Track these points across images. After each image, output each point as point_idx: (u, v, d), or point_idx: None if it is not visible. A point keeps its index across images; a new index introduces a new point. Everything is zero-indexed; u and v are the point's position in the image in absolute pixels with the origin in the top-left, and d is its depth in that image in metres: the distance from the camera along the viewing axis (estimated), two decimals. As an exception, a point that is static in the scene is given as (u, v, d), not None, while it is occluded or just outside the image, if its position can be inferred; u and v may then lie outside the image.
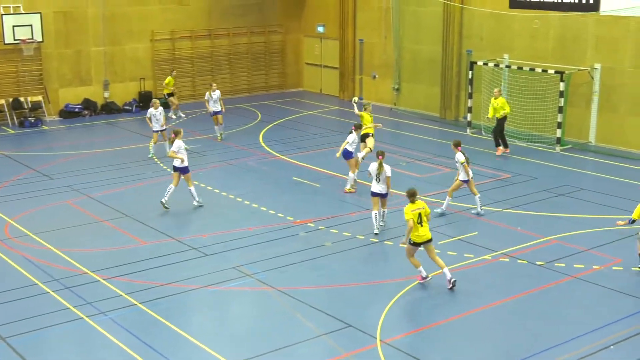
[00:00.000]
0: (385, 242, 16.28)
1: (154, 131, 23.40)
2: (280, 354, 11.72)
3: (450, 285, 13.79)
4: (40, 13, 27.81)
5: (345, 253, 15.71)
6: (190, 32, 32.05)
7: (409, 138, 25.86)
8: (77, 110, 29.55)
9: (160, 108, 23.55)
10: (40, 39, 27.88)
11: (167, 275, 14.59)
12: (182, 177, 18.45)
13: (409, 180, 19.66)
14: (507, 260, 15.31)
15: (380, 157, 16.59)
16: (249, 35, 33.58)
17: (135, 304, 13.31)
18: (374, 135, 21.20)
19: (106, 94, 30.39)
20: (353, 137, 19.47)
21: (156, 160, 22.93)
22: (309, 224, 17.31)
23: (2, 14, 27.07)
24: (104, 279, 14.32)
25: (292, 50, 34.88)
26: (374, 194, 16.67)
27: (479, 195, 17.89)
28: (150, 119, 23.31)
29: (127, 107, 30.61)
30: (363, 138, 20.64)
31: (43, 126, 28.18)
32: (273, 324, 12.81)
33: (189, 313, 13.32)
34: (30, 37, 27.57)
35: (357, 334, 12.29)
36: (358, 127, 19.87)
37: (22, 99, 28.55)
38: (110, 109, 30.26)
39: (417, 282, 14.12)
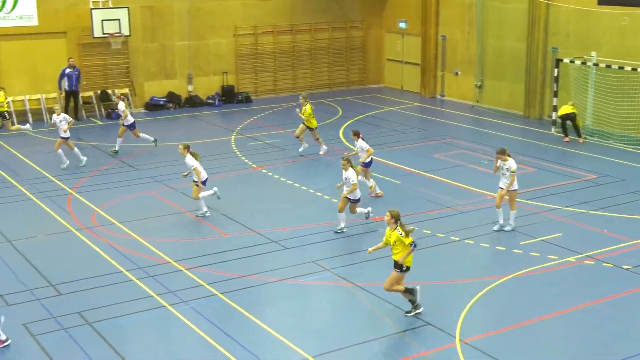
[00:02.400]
0: (466, 240, 16.09)
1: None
2: (357, 350, 11.72)
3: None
4: (127, 8, 28.48)
5: (424, 250, 15.56)
6: (272, 27, 32.32)
7: (491, 136, 25.47)
8: (161, 103, 30.17)
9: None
10: (128, 33, 28.56)
11: (247, 267, 14.77)
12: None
13: (489, 179, 19.30)
14: (592, 263, 14.92)
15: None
16: (330, 30, 33.63)
17: (216, 294, 13.51)
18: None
19: (190, 88, 30.94)
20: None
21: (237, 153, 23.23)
22: (388, 221, 17.22)
23: (92, 8, 27.82)
24: (186, 269, 14.58)
25: (373, 46, 34.78)
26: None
27: (515, 211, 16.68)
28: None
29: (210, 101, 31.07)
30: None
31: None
32: (350, 319, 12.83)
33: (268, 305, 13.45)
34: (118, 31, 28.27)
35: (435, 333, 12.19)
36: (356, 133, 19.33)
37: (109, 91, 29.32)
38: (193, 102, 30.79)
39: (498, 282, 13.90)
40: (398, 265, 12.57)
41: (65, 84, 27.28)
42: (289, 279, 14.27)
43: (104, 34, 28.08)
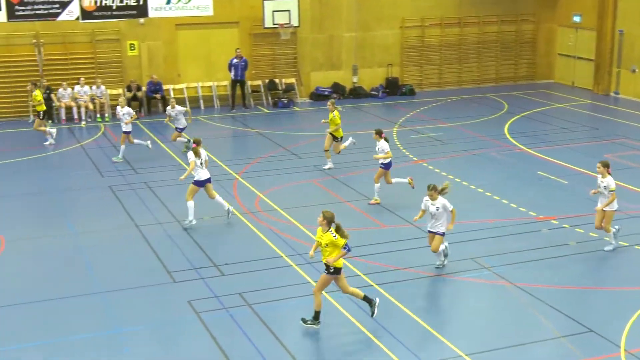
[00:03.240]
0: (636, 246, 15.24)
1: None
2: (514, 351, 11.41)
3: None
4: (298, -1, 29.13)
5: (589, 255, 14.92)
6: (440, 20, 31.95)
7: (669, 137, 23.98)
8: (326, 93, 30.60)
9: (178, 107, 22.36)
10: (297, 24, 29.16)
11: (404, 260, 14.71)
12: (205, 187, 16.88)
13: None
14: None
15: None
16: (499, 24, 32.82)
17: (372, 285, 13.56)
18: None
19: (355, 79, 31.19)
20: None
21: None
22: (552, 221, 16.63)
23: (264, 0, 28.61)
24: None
25: (544, 40, 33.59)
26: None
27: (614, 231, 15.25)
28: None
29: (373, 92, 31.20)
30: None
31: (294, 107, 29.52)
32: (509, 319, 12.50)
33: (424, 299, 13.35)
34: (288, 22, 28.92)
35: (598, 340, 11.64)
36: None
37: (277, 80, 30.09)
38: (357, 93, 31.02)
39: None
40: (327, 267, 11.96)
41: (232, 73, 28.28)
42: (446, 274, 14.09)
43: (274, 24, 28.81)
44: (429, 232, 14.18)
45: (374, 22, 31.11)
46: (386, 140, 17.93)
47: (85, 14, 25.90)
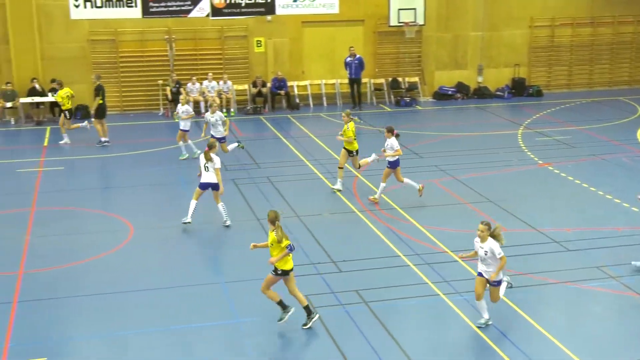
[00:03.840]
0: None
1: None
2: (641, 367, 10.91)
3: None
4: (425, -3, 28.88)
5: None
6: (572, 19, 30.92)
7: None
8: (450, 93, 30.22)
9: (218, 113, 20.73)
10: (422, 22, 28.90)
11: (525, 265, 14.32)
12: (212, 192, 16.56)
13: None
14: None
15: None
16: (635, 24, 31.44)
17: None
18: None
19: (479, 79, 30.64)
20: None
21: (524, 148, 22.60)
22: (686, 232, 15.80)
23: (390, -2, 28.55)
24: (462, 260, 14.46)
25: (683, 42, 31.97)
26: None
27: None
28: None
29: (499, 93, 30.55)
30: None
31: (417, 106, 29.30)
32: (634, 331, 11.94)
33: (545, 307, 12.94)
34: (413, 20, 28.71)
35: None
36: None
37: (400, 79, 29.95)
38: (482, 93, 30.47)
39: None
40: (274, 268, 11.84)
41: (347, 71, 28.30)
42: (569, 282, 13.61)
43: (399, 22, 28.68)
44: (478, 274, 12.09)
45: (502, 21, 30.45)
46: (397, 137, 17.71)
47: (216, 11, 26.60)
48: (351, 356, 11.26)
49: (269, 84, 28.50)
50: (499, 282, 11.92)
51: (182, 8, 26.50)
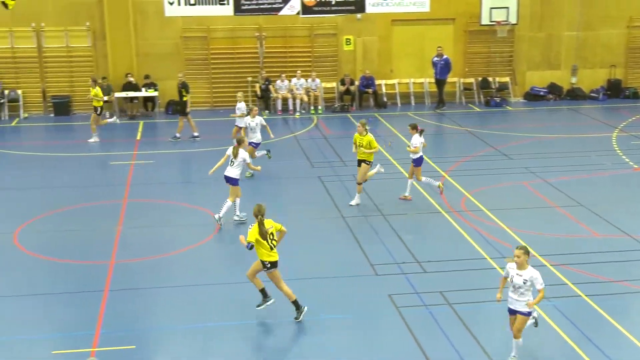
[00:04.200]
0: None
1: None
2: None
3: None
4: (518, -5, 28.32)
5: None
6: (673, 19, 29.84)
7: None
8: (541, 93, 29.57)
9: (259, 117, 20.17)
10: (515, 22, 28.35)
11: (617, 271, 13.86)
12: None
13: None
14: None
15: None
16: None
17: (580, 296, 12.90)
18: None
19: (573, 80, 29.86)
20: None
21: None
22: None
23: (480, -3, 28.13)
24: (551, 265, 14.12)
25: None
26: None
27: None
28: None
29: (593, 94, 29.72)
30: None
31: (507, 107, 28.78)
32: None
33: (637, 315, 12.50)
34: (505, 19, 28.19)
35: None
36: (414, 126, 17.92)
37: (490, 79, 29.48)
38: (575, 94, 29.70)
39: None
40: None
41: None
42: (664, 291, 13.13)
43: (491, 21, 28.21)
44: (509, 310, 10.84)
45: (598, 21, 29.59)
46: (421, 133, 17.71)
47: (306, 9, 26.75)
48: (434, 357, 11.13)
49: (357, 82, 28.49)
50: (529, 313, 10.75)
51: (273, 6, 26.75)
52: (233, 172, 16.34)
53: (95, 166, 21.40)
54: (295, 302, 12.21)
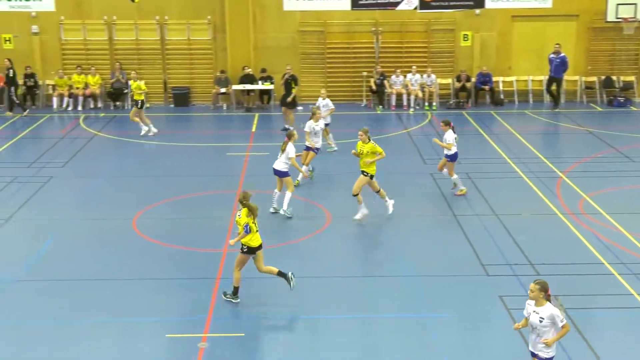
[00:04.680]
0: None
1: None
2: None
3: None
4: (647, -9, 27.10)
5: None
6: None
7: None
8: (669, 94, 28.25)
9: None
10: (643, 18, 27.23)
11: None
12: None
13: None
14: None
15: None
16: None
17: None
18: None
19: None
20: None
21: None
22: None
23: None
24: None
25: None
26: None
27: None
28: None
29: None
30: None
31: (631, 107, 27.65)
32: None
33: None
34: (633, 16, 27.05)
35: None
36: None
37: (614, 77, 28.38)
38: None
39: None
40: (241, 246, 12.40)
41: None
42: None
43: (617, 18, 27.14)
44: (531, 353, 9.49)
45: None
46: (454, 131, 17.65)
47: (424, 4, 26.45)
48: (544, 363, 10.82)
49: (473, 79, 28.03)
50: (550, 359, 9.31)
51: (391, 1, 26.62)
52: (280, 165, 16.59)
53: (213, 157, 21.91)
54: (280, 273, 12.70)
